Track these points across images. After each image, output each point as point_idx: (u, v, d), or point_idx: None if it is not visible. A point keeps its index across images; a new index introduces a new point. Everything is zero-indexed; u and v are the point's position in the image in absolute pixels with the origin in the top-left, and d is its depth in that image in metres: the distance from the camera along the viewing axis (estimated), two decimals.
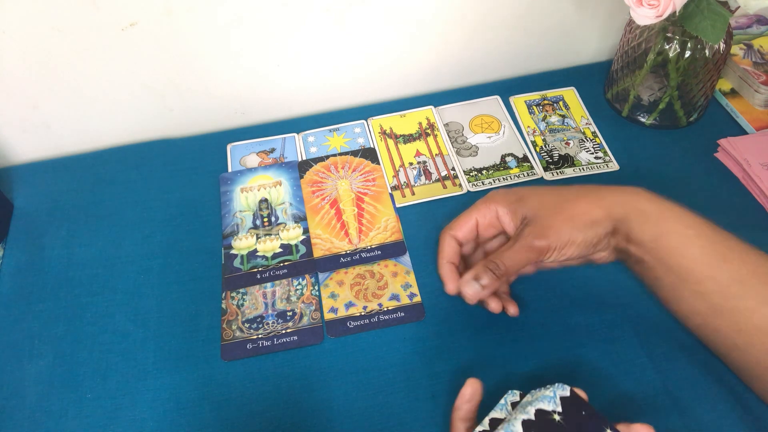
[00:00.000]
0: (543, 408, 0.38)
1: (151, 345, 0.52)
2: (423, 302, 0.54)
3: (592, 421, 0.38)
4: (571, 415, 0.38)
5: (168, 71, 0.65)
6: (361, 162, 0.65)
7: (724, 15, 0.53)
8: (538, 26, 0.71)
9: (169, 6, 0.59)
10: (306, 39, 0.65)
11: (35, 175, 0.66)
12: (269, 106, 0.71)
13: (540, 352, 0.50)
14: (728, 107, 0.68)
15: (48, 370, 0.51)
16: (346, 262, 0.57)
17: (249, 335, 0.52)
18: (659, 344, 0.50)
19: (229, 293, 0.55)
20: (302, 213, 0.61)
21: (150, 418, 0.48)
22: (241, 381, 0.50)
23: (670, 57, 0.61)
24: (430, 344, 0.51)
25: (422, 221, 0.60)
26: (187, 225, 0.61)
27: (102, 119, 0.68)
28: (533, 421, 0.38)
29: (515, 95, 0.72)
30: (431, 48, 0.70)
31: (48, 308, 0.55)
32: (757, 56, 0.70)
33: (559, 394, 0.39)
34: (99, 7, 0.57)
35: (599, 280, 0.54)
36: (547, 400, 0.39)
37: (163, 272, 0.57)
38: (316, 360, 0.51)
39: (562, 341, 0.51)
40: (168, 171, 0.66)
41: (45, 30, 0.58)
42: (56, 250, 0.59)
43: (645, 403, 0.47)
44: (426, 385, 0.49)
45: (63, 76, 0.62)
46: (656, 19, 0.53)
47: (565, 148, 0.66)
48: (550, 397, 0.39)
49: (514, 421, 0.38)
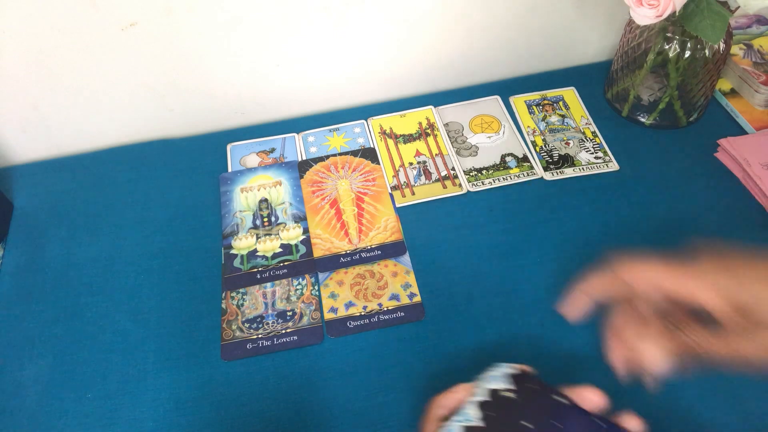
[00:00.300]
0: (495, 387, 0.39)
1: (151, 345, 0.52)
2: (423, 302, 0.54)
3: (543, 391, 0.40)
4: (524, 389, 0.39)
5: (168, 71, 0.65)
6: (361, 162, 0.65)
7: (724, 15, 0.53)
8: (538, 26, 0.71)
9: (169, 6, 0.59)
10: (306, 39, 0.65)
11: (35, 175, 0.66)
12: (269, 106, 0.71)
13: (540, 352, 0.50)
14: (728, 107, 0.68)
15: (48, 370, 0.51)
16: (346, 262, 0.57)
17: (249, 335, 0.52)
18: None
19: (229, 293, 0.55)
20: (302, 213, 0.61)
21: (150, 418, 0.48)
22: (241, 381, 0.50)
23: (670, 57, 0.61)
24: (430, 344, 0.51)
25: (422, 221, 0.60)
26: (187, 225, 0.61)
27: (102, 119, 0.68)
28: (489, 402, 0.39)
29: (515, 95, 0.72)
30: (431, 48, 0.70)
31: (48, 308, 0.55)
32: (757, 56, 0.70)
33: (506, 372, 0.40)
34: (99, 7, 0.57)
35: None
36: (495, 380, 0.40)
37: (163, 272, 0.57)
38: (316, 360, 0.51)
39: (562, 341, 0.51)
40: (168, 171, 0.66)
41: (45, 30, 0.58)
42: (56, 250, 0.59)
43: (645, 403, 0.47)
44: (426, 385, 0.49)
45: (63, 76, 0.63)
46: (656, 19, 0.53)
47: (565, 148, 0.66)
48: (498, 376, 0.40)
49: (471, 406, 0.39)
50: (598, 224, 0.59)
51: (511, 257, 0.57)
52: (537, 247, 0.57)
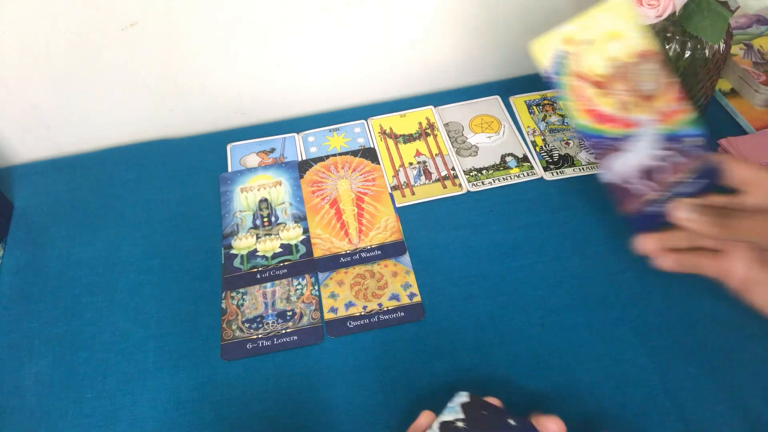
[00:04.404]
0: (446, 420, 0.40)
1: (151, 345, 0.52)
2: (423, 302, 0.54)
3: (495, 416, 0.40)
4: (473, 417, 0.40)
5: (168, 71, 0.65)
6: (361, 162, 0.65)
7: (724, 15, 0.53)
8: (538, 26, 0.71)
9: (169, 6, 0.59)
10: (305, 39, 0.65)
11: (35, 175, 0.66)
12: (269, 106, 0.71)
13: (539, 352, 0.50)
14: (728, 107, 0.68)
15: (48, 370, 0.51)
16: (346, 262, 0.57)
17: (249, 335, 0.52)
18: (659, 344, 0.50)
19: (229, 293, 0.55)
20: (302, 213, 0.61)
21: (150, 418, 0.48)
22: (241, 381, 0.50)
23: (670, 57, 0.61)
24: (430, 344, 0.51)
25: (422, 221, 0.60)
26: (187, 225, 0.61)
27: (102, 119, 0.68)
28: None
29: (515, 95, 0.72)
30: (431, 47, 0.70)
31: (48, 308, 0.55)
32: (757, 56, 0.70)
33: (459, 402, 0.41)
34: (99, 7, 0.57)
35: (599, 280, 0.54)
36: (449, 412, 0.40)
37: (163, 272, 0.57)
38: (316, 360, 0.51)
39: (562, 341, 0.51)
40: (168, 171, 0.66)
41: (45, 30, 0.58)
42: (56, 250, 0.59)
43: (645, 403, 0.47)
44: (426, 385, 0.49)
45: (63, 76, 0.63)
46: (656, 19, 0.53)
47: (565, 148, 0.66)
48: (451, 407, 0.40)
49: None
50: (598, 224, 0.59)
51: (511, 257, 0.57)
52: (537, 247, 0.57)
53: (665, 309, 0.52)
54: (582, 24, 0.47)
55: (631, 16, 0.47)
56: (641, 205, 0.45)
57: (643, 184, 0.46)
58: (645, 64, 0.47)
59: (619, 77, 0.47)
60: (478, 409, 0.40)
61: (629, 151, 0.46)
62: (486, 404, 0.41)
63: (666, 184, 0.45)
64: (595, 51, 0.47)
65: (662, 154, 0.46)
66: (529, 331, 0.52)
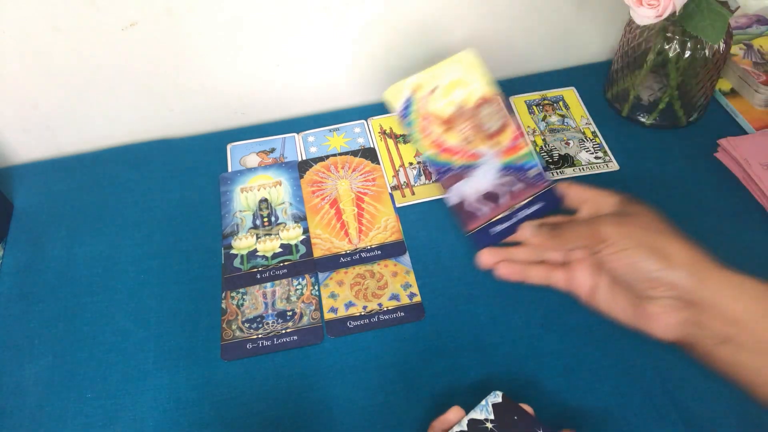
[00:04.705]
0: (475, 417, 0.40)
1: (151, 345, 0.52)
2: (423, 302, 0.54)
3: (525, 424, 0.40)
4: (503, 420, 0.40)
5: (168, 71, 0.65)
6: (361, 162, 0.65)
7: (724, 15, 0.53)
8: (538, 26, 0.71)
9: (169, 6, 0.59)
10: (306, 39, 0.65)
11: (35, 175, 0.66)
12: (269, 106, 0.71)
13: (539, 352, 0.50)
14: (728, 107, 0.68)
15: (48, 370, 0.51)
16: (346, 262, 0.57)
17: (249, 335, 0.52)
18: (659, 344, 0.50)
19: (229, 293, 0.55)
20: (302, 213, 0.61)
21: (150, 418, 0.48)
22: (241, 381, 0.50)
23: (670, 57, 0.61)
24: (430, 344, 0.51)
25: (422, 221, 0.60)
26: (187, 225, 0.61)
27: (102, 119, 0.68)
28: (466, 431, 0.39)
29: (515, 95, 0.71)
30: (431, 47, 0.70)
31: (48, 308, 0.55)
32: (757, 56, 0.70)
33: (491, 402, 0.41)
34: (99, 7, 0.57)
35: None
36: (480, 409, 0.40)
37: (163, 272, 0.57)
38: (316, 360, 0.51)
39: (562, 341, 0.51)
40: (168, 171, 0.66)
41: (45, 30, 0.58)
42: (56, 250, 0.59)
43: (645, 403, 0.47)
44: (426, 385, 0.49)
45: (63, 76, 0.62)
46: (656, 19, 0.53)
47: (565, 148, 0.66)
48: (483, 405, 0.41)
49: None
50: None
51: None
52: None
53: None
54: (430, 74, 0.56)
55: (476, 67, 0.56)
56: (482, 225, 0.52)
57: (487, 206, 0.53)
58: (486, 108, 0.55)
59: (463, 118, 0.55)
60: (509, 413, 0.40)
61: (472, 178, 0.54)
62: (518, 409, 0.41)
63: (508, 207, 0.53)
64: (442, 96, 0.55)
65: (504, 182, 0.54)
66: (528, 330, 0.52)
